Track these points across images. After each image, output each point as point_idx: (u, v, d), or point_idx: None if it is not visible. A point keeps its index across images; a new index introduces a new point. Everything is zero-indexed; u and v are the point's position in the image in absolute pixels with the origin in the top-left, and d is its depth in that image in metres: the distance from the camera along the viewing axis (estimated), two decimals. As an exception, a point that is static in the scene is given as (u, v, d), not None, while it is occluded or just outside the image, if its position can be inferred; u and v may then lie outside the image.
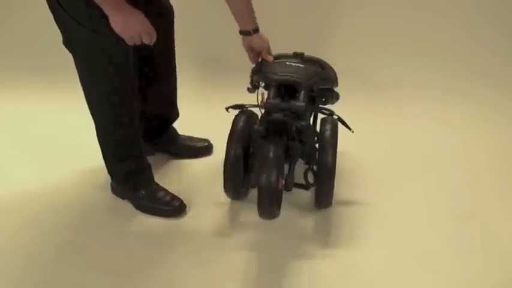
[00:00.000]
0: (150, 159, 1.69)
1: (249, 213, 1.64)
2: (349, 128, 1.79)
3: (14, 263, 1.45)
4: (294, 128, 1.44)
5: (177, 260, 1.45)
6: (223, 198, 1.71)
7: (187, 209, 1.64)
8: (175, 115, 1.93)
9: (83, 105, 1.54)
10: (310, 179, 1.56)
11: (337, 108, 1.71)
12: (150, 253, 1.48)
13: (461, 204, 1.67)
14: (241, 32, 1.62)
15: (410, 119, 2.22)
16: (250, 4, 1.59)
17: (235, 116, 1.59)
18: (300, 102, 1.42)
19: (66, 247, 1.51)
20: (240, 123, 1.55)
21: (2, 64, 2.64)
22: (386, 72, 2.47)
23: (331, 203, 1.59)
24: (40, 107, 2.36)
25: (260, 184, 1.35)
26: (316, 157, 1.53)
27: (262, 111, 1.50)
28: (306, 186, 1.57)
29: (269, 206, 1.38)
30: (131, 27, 1.37)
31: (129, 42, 1.39)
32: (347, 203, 1.69)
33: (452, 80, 2.40)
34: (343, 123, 1.63)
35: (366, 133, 2.04)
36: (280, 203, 1.43)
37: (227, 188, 1.58)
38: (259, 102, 1.49)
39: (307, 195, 1.69)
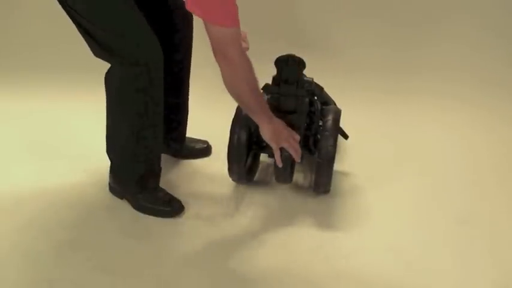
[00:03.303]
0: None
1: (248, 212, 1.65)
2: (345, 135, 1.81)
3: (13, 263, 1.45)
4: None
5: (175, 261, 1.45)
6: (222, 199, 1.72)
7: (185, 209, 1.64)
8: (186, 114, 1.90)
9: (82, 104, 1.54)
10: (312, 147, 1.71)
11: (344, 112, 1.73)
12: (148, 253, 1.48)
13: (460, 208, 1.67)
14: None
15: (409, 123, 2.22)
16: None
17: None
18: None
19: (64, 246, 1.51)
20: None
21: (4, 64, 2.64)
22: (385, 76, 2.48)
23: (329, 190, 1.65)
24: (40, 106, 2.36)
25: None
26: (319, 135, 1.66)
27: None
28: (313, 152, 1.70)
29: (284, 172, 1.59)
30: (280, 135, 1.50)
31: (275, 151, 1.52)
32: (346, 196, 1.72)
33: (452, 83, 2.41)
34: (339, 129, 1.68)
35: (364, 137, 2.05)
36: (293, 170, 1.65)
37: (232, 170, 1.65)
38: None
39: (306, 182, 1.75)
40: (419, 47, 2.52)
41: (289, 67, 1.59)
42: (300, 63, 1.61)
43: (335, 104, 1.86)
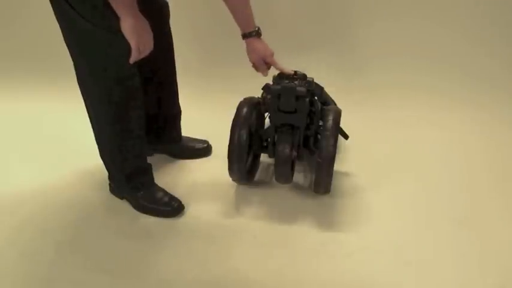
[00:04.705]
0: (149, 160, 1.69)
1: (248, 212, 1.65)
2: (345, 135, 1.81)
3: (12, 262, 1.45)
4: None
5: (174, 261, 1.45)
6: (222, 198, 1.72)
7: (185, 209, 1.65)
8: (177, 113, 1.90)
9: (81, 105, 1.54)
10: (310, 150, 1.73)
11: (344, 112, 1.72)
12: (148, 253, 1.48)
13: (458, 209, 1.67)
14: (244, 36, 1.67)
15: (408, 123, 2.22)
16: (250, 6, 1.63)
17: (240, 102, 1.67)
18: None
19: (64, 246, 1.51)
20: (245, 109, 1.63)
21: (2, 64, 2.64)
22: (384, 76, 2.48)
23: (329, 190, 1.64)
24: (39, 107, 2.36)
25: (277, 155, 1.58)
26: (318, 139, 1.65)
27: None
28: (313, 152, 1.70)
29: (285, 172, 1.61)
30: (140, 35, 1.36)
31: (133, 50, 1.36)
32: (346, 196, 1.71)
33: (450, 84, 2.41)
34: (340, 129, 1.69)
35: (364, 137, 2.05)
36: (293, 170, 1.69)
37: (232, 170, 1.64)
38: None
39: (306, 182, 1.74)
40: (420, 49, 2.52)
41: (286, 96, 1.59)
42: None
43: (335, 104, 1.86)
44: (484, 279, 1.37)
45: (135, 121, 1.54)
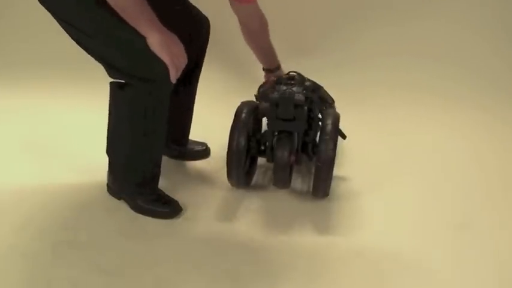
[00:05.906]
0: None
1: (247, 215, 1.65)
2: (343, 135, 1.82)
3: (11, 262, 1.44)
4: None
5: (172, 262, 1.45)
6: (220, 201, 1.72)
7: (183, 211, 1.64)
8: (191, 120, 1.92)
9: (82, 104, 1.54)
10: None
11: (343, 114, 1.73)
12: (145, 254, 1.47)
13: (457, 212, 1.67)
14: (264, 69, 1.84)
15: (408, 125, 2.23)
16: (271, 45, 1.75)
17: (238, 106, 1.67)
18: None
19: (61, 246, 1.50)
20: (243, 114, 1.63)
21: (2, 61, 2.64)
22: (385, 77, 2.49)
23: (328, 194, 1.65)
24: (39, 106, 2.36)
25: (276, 159, 1.57)
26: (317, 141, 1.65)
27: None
28: (310, 158, 1.71)
29: (283, 177, 1.60)
30: (170, 49, 1.35)
31: (169, 66, 1.35)
32: (344, 200, 1.72)
33: (460, 87, 2.41)
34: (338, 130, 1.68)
35: (363, 139, 2.05)
36: (291, 175, 1.67)
37: (231, 176, 1.65)
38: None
39: (304, 186, 1.76)
40: (422, 50, 2.53)
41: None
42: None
43: (333, 102, 1.86)
44: (485, 282, 1.38)
45: (159, 132, 1.54)
